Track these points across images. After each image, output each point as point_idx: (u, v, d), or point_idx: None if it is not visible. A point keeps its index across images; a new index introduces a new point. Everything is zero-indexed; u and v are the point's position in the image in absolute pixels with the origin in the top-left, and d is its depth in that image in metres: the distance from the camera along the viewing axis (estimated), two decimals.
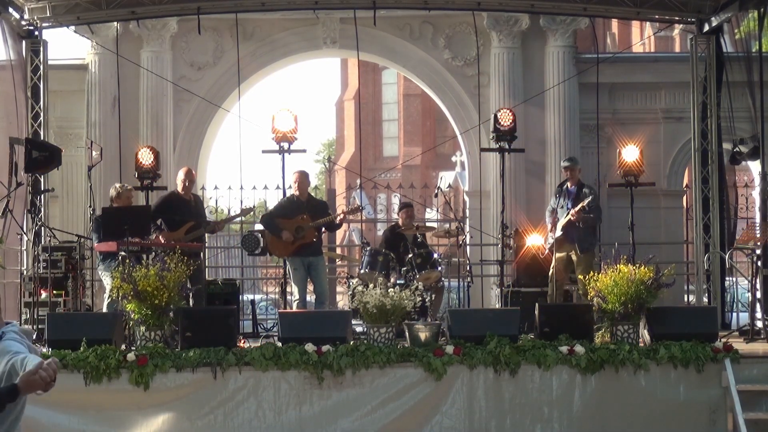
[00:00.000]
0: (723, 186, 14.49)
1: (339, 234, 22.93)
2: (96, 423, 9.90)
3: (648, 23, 27.06)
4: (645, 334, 10.58)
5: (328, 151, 55.51)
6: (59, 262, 12.25)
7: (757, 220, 13.13)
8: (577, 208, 11.85)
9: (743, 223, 14.43)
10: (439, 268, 12.41)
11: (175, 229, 11.75)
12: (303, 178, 12.24)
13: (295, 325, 10.43)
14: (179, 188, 12.16)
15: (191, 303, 11.31)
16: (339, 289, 22.96)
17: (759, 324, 11.78)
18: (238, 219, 14.40)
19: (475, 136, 16.66)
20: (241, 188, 16.21)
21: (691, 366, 10.09)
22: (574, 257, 11.99)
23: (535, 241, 13.02)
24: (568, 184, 12.33)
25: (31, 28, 13.97)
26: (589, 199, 11.82)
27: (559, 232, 11.99)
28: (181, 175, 12.24)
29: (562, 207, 12.15)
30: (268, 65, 17.71)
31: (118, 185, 12.08)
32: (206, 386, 9.96)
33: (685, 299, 15.56)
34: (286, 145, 12.42)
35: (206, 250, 13.76)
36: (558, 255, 12.04)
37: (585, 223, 11.91)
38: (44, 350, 9.89)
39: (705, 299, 13.92)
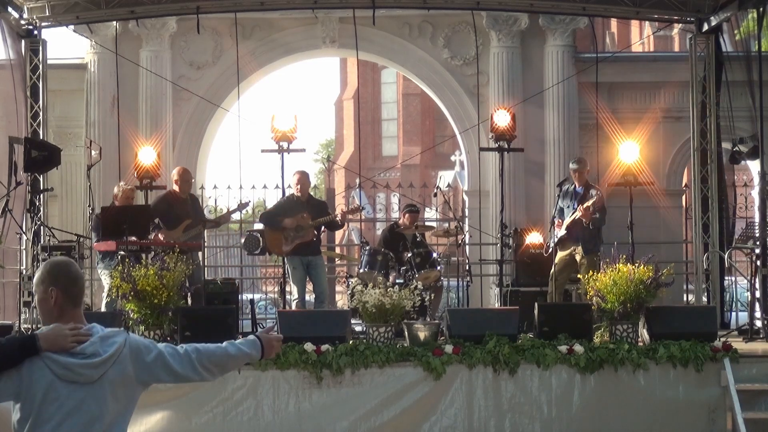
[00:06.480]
0: (722, 185, 14.48)
1: (338, 233, 22.87)
2: None
3: (647, 22, 27.04)
4: (644, 334, 10.57)
5: (327, 151, 55.48)
6: None
7: (756, 219, 13.11)
8: (584, 206, 11.70)
9: (742, 223, 14.42)
10: (438, 268, 12.39)
11: (172, 228, 11.76)
12: (304, 178, 12.28)
13: (294, 325, 10.44)
14: (175, 187, 12.19)
15: (190, 302, 11.31)
16: (338, 288, 22.95)
17: (758, 323, 11.78)
18: (237, 217, 14.49)
19: (474, 135, 16.65)
20: (241, 187, 16.22)
21: (690, 365, 10.09)
22: (577, 257, 11.94)
23: (535, 239, 12.97)
24: (576, 184, 12.19)
25: (30, 27, 13.96)
26: (595, 198, 11.71)
27: (563, 231, 11.94)
28: (175, 174, 12.28)
29: (568, 207, 12.05)
30: (268, 64, 17.70)
31: (122, 183, 12.20)
32: (205, 385, 9.93)
33: (685, 299, 15.54)
34: (285, 145, 12.43)
35: (205, 249, 13.77)
36: (560, 254, 12.00)
37: (593, 224, 11.84)
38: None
39: (704, 299, 13.90)
